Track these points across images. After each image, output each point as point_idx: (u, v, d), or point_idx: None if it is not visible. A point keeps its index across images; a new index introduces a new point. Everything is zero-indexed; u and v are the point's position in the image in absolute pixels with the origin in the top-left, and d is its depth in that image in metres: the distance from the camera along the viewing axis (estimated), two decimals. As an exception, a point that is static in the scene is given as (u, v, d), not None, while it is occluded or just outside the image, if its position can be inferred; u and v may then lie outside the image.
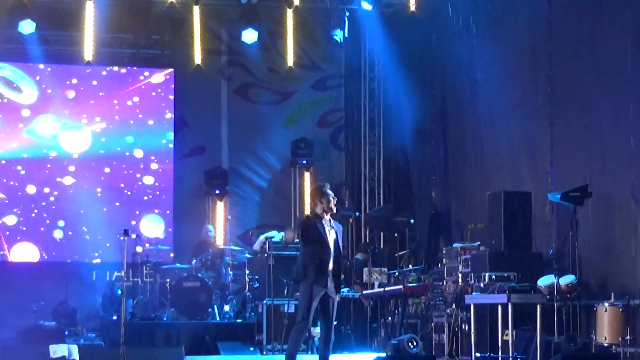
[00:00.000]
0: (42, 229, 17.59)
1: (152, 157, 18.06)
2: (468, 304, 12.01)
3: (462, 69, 15.82)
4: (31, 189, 17.57)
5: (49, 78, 17.76)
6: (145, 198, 17.98)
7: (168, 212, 17.97)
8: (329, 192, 10.48)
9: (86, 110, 17.87)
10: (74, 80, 17.89)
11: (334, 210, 10.50)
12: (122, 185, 17.93)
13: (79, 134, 17.84)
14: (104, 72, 17.97)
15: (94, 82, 17.92)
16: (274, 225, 17.03)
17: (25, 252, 17.48)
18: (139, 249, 15.88)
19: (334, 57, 18.75)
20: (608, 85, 12.31)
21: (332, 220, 10.46)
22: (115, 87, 18.05)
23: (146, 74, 18.16)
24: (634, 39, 11.83)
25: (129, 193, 17.91)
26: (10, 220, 17.48)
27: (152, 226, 17.86)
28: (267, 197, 18.43)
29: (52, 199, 17.64)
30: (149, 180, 18.02)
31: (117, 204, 17.75)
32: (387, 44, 17.48)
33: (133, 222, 17.52)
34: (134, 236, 15.69)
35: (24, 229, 17.50)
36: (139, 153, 18.03)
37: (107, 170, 17.85)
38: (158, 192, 18.03)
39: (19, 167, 17.59)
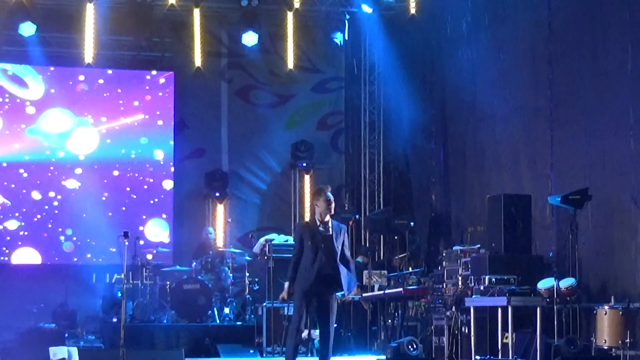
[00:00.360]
0: (45, 234, 17.39)
1: (160, 161, 18.04)
2: (468, 306, 11.99)
3: (462, 71, 15.81)
4: (34, 193, 17.39)
5: (52, 79, 17.66)
6: (151, 202, 17.90)
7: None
8: (329, 195, 10.41)
9: (92, 110, 17.73)
10: (81, 77, 17.73)
11: (332, 212, 10.47)
12: (128, 189, 17.80)
13: (85, 135, 17.71)
14: (110, 71, 17.87)
15: (100, 81, 17.80)
16: (274, 227, 17.03)
17: (27, 258, 17.28)
18: (149, 256, 15.89)
19: (334, 60, 18.73)
20: (608, 88, 12.31)
21: (331, 222, 10.41)
22: (121, 88, 17.92)
23: (154, 72, 18.07)
24: (634, 41, 11.84)
25: (135, 197, 17.78)
26: (12, 224, 17.29)
27: (157, 230, 17.79)
28: (267, 200, 18.40)
29: (55, 203, 17.47)
30: (168, 184, 17.91)
31: (123, 208, 17.63)
32: (387, 47, 17.48)
33: (141, 228, 17.44)
34: (142, 242, 15.73)
35: (26, 234, 17.31)
36: (159, 154, 17.92)
37: (115, 173, 17.70)
38: (163, 196, 17.96)
39: (22, 170, 17.44)
